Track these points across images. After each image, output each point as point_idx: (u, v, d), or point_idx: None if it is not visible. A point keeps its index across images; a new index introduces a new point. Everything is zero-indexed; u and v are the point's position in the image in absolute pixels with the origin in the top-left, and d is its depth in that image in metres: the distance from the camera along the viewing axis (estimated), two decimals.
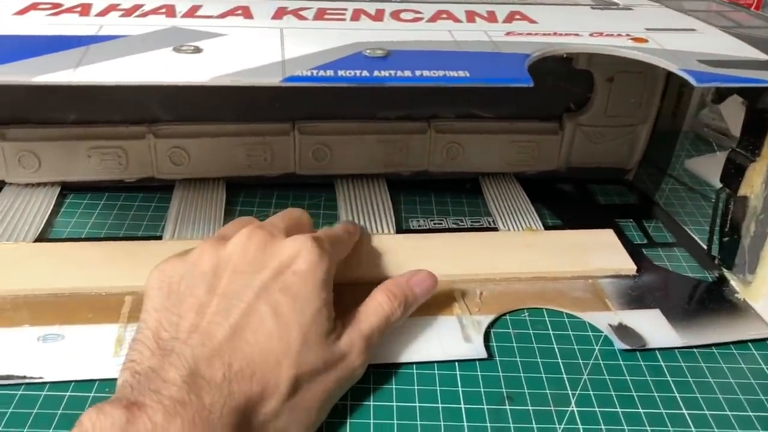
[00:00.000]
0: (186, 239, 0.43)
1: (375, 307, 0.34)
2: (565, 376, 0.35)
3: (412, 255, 0.42)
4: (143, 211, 0.46)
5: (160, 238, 0.43)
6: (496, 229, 0.46)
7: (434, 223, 0.47)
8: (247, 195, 0.49)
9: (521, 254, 0.43)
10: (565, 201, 0.51)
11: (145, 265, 0.40)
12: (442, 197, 0.50)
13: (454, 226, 0.47)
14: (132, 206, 0.47)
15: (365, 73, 0.30)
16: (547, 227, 0.46)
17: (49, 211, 0.45)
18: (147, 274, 0.39)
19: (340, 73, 0.30)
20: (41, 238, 0.42)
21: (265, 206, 0.48)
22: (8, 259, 0.40)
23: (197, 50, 0.30)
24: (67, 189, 0.47)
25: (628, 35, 0.37)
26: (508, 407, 0.33)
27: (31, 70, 0.28)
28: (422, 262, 0.40)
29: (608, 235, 0.45)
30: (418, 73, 0.30)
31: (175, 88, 0.29)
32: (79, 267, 0.39)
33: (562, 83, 0.48)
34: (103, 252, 0.41)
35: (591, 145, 0.51)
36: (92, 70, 0.28)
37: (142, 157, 0.47)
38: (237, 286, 0.31)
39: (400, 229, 0.46)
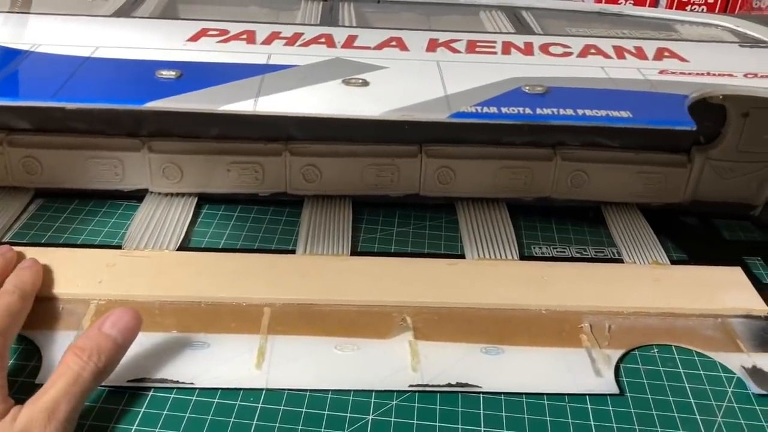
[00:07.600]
0: (317, 254, 0.44)
1: (61, 371, 0.29)
2: (698, 417, 0.35)
3: (536, 283, 0.42)
4: (275, 225, 0.48)
5: (292, 251, 0.45)
6: (621, 261, 0.46)
7: (557, 251, 0.47)
8: (371, 213, 0.50)
9: (649, 289, 0.42)
10: (689, 235, 0.50)
11: (282, 277, 0.41)
12: (564, 224, 0.50)
13: (578, 255, 0.47)
14: (264, 219, 0.49)
15: (528, 110, 0.30)
16: (672, 261, 0.46)
17: (188, 221, 0.47)
18: (285, 287, 0.41)
19: (504, 110, 0.30)
20: (182, 246, 0.45)
21: (388, 225, 0.49)
22: (155, 266, 0.42)
23: (365, 83, 0.32)
24: (202, 200, 0.50)
25: None
26: None
27: (217, 100, 0.29)
28: (548, 290, 0.41)
29: (737, 274, 0.44)
30: (579, 111, 0.30)
31: None
32: (221, 277, 0.41)
33: (694, 116, 0.47)
34: (243, 264, 0.43)
35: (719, 179, 0.50)
36: (271, 101, 0.30)
37: (277, 173, 0.48)
38: None
39: (523, 256, 0.46)
